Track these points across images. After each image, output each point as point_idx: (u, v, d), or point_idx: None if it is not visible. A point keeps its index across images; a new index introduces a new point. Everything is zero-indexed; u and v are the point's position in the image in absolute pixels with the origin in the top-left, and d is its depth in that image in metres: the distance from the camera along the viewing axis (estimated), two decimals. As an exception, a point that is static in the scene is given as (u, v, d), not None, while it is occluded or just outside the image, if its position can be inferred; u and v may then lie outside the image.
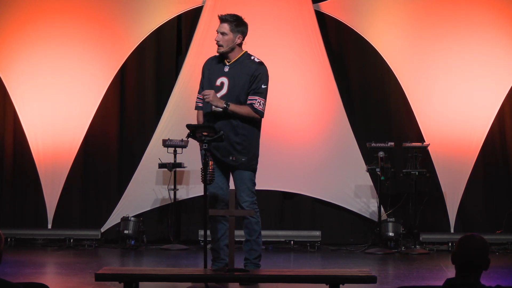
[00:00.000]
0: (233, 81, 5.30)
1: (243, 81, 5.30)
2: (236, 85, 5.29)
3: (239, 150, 5.29)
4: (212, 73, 5.39)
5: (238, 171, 5.34)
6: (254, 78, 5.28)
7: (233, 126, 5.28)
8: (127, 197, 8.29)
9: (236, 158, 5.29)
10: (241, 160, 5.30)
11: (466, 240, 2.96)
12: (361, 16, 8.39)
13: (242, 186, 5.33)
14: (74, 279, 5.74)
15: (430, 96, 8.25)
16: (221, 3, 8.31)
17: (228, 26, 5.34)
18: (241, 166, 5.31)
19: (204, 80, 5.46)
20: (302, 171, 8.23)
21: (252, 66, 5.33)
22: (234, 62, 5.36)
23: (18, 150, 8.51)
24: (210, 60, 5.50)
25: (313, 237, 8.07)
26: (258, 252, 5.42)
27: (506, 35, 8.19)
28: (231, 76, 5.32)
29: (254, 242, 5.39)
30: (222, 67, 5.38)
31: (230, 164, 5.33)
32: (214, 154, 5.29)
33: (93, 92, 8.36)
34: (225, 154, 5.30)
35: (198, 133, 5.08)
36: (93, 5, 8.38)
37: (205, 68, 5.49)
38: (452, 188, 8.21)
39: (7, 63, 8.36)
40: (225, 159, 5.31)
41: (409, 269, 6.64)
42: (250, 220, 5.36)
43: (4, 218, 8.37)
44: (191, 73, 8.33)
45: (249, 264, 5.37)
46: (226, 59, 5.39)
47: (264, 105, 5.31)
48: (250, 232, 5.39)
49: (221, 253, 5.36)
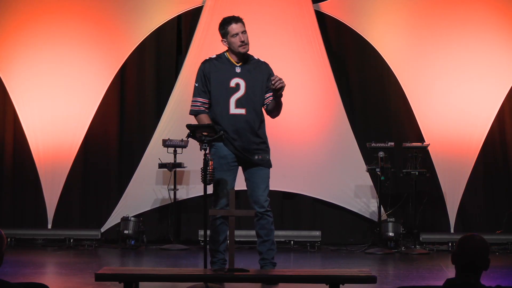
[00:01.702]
0: (249, 81, 5.30)
1: (260, 81, 5.32)
2: (255, 85, 5.30)
3: (263, 148, 5.34)
4: (222, 74, 5.33)
5: (259, 169, 5.33)
6: (270, 75, 5.32)
7: (257, 125, 5.31)
8: (127, 197, 8.29)
9: (262, 157, 5.33)
10: (266, 158, 5.35)
11: (466, 240, 2.96)
12: (361, 16, 8.39)
13: (262, 184, 5.33)
14: (74, 279, 5.74)
15: (430, 96, 8.25)
16: (221, 3, 8.32)
17: (244, 25, 5.38)
18: (266, 164, 5.35)
19: (208, 82, 5.32)
20: (302, 171, 8.23)
21: (262, 66, 5.39)
22: (244, 62, 5.36)
23: (18, 150, 8.51)
24: (211, 62, 5.41)
25: (313, 237, 8.08)
26: (275, 251, 5.44)
27: (506, 35, 8.19)
28: (246, 77, 5.31)
29: (271, 242, 5.40)
30: (231, 68, 5.34)
31: (255, 163, 5.33)
32: (239, 154, 5.28)
33: (93, 92, 8.37)
34: (252, 153, 5.31)
35: (198, 133, 5.07)
36: (93, 5, 8.38)
37: (210, 70, 5.35)
38: (452, 188, 8.21)
39: (7, 63, 8.36)
40: (252, 158, 5.31)
41: (409, 269, 6.64)
42: (269, 220, 5.35)
43: (4, 218, 8.38)
44: (191, 73, 8.31)
45: (268, 264, 5.37)
46: (234, 60, 5.37)
47: None
48: (269, 232, 5.38)
49: (225, 254, 5.34)
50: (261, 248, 5.41)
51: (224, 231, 5.33)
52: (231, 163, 5.31)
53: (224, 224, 5.32)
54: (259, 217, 5.34)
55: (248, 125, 5.28)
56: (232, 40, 5.31)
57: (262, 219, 5.34)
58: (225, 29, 5.36)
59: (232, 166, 5.32)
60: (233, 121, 5.27)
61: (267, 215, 5.35)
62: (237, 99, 5.27)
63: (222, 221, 5.31)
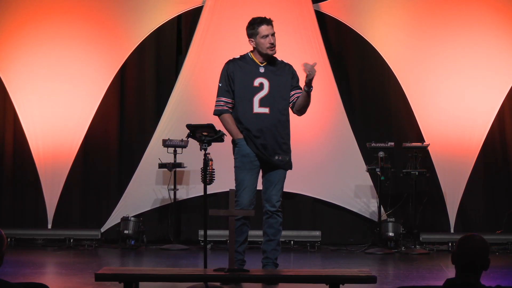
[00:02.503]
0: (273, 81, 5.31)
1: (284, 81, 5.34)
2: (280, 85, 5.32)
3: (284, 150, 5.33)
4: (246, 74, 5.34)
5: (279, 170, 5.33)
6: (293, 76, 5.39)
7: (281, 125, 5.31)
8: (127, 197, 8.29)
9: (282, 158, 5.31)
10: (286, 159, 5.33)
11: (466, 240, 2.96)
12: (361, 16, 8.39)
13: (277, 185, 5.34)
14: (74, 279, 5.74)
15: (430, 96, 8.25)
16: (221, 3, 8.32)
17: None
18: (285, 165, 5.34)
19: (232, 82, 5.33)
20: (302, 171, 8.20)
21: (285, 66, 5.43)
22: (268, 63, 5.38)
23: (18, 150, 8.51)
24: (235, 63, 5.40)
25: (313, 237, 8.08)
26: (279, 252, 5.44)
27: (506, 35, 8.19)
28: (270, 77, 5.32)
29: (277, 242, 5.40)
30: (255, 68, 5.35)
31: (275, 164, 5.32)
32: (260, 154, 5.28)
33: (93, 92, 8.37)
34: (273, 153, 5.30)
35: (198, 133, 5.07)
36: (93, 5, 8.38)
37: (234, 70, 5.36)
38: (452, 188, 8.21)
39: (7, 63, 8.36)
40: (271, 158, 5.30)
41: (409, 269, 6.64)
42: (278, 220, 5.36)
43: (4, 218, 8.37)
44: (191, 73, 8.34)
45: (270, 263, 5.37)
46: (258, 60, 5.38)
47: None
48: (276, 232, 5.38)
49: (243, 255, 5.35)
50: (266, 247, 5.41)
51: (244, 232, 5.33)
52: (254, 162, 5.31)
53: (245, 226, 5.32)
54: (268, 215, 5.36)
55: (272, 125, 5.28)
56: (261, 41, 5.35)
57: (271, 218, 5.35)
58: (255, 29, 5.38)
59: (255, 166, 5.33)
60: (257, 120, 5.28)
61: (277, 215, 5.36)
62: (261, 98, 5.29)
63: (243, 222, 5.30)
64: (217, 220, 7.66)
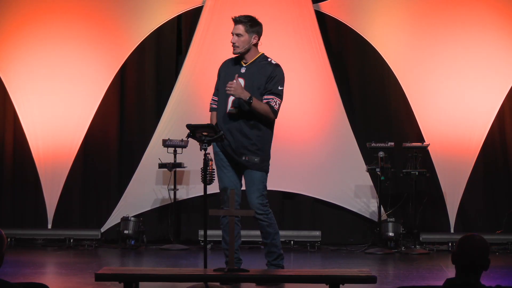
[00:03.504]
0: (250, 82, 5.30)
1: (259, 82, 5.29)
2: (253, 86, 5.28)
3: (252, 150, 5.29)
4: (229, 74, 5.36)
5: (249, 171, 5.32)
6: (270, 79, 5.29)
7: (247, 126, 5.28)
8: (127, 197, 8.29)
9: (249, 158, 5.29)
10: (254, 160, 5.30)
11: (466, 240, 2.96)
12: (361, 16, 8.39)
13: (252, 187, 5.32)
14: (74, 279, 5.74)
15: (430, 96, 8.25)
16: (221, 3, 8.32)
17: (243, 27, 5.35)
18: (253, 166, 5.31)
19: (220, 82, 5.44)
20: (302, 171, 8.23)
21: (268, 68, 5.34)
22: (251, 63, 5.37)
23: (18, 150, 8.51)
24: (227, 62, 5.49)
25: (313, 237, 8.08)
26: (277, 253, 5.40)
27: (506, 35, 8.18)
28: (248, 77, 5.31)
29: (270, 245, 5.39)
30: (238, 68, 5.37)
31: (243, 164, 5.32)
32: (228, 153, 5.30)
33: (93, 92, 8.37)
34: (239, 154, 5.30)
35: (198, 133, 5.08)
36: (93, 5, 8.38)
37: (221, 71, 5.48)
38: (452, 188, 8.21)
39: (7, 63, 8.36)
40: (238, 159, 5.31)
41: (409, 269, 6.64)
42: (262, 224, 5.35)
43: (4, 218, 8.37)
44: (191, 73, 8.34)
45: (269, 266, 5.39)
46: (243, 60, 5.38)
47: (279, 106, 5.31)
48: (265, 235, 5.39)
49: (237, 253, 5.35)
50: (264, 249, 5.48)
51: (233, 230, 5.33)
52: (223, 160, 5.35)
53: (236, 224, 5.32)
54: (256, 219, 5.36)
55: (238, 125, 5.28)
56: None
57: (258, 222, 5.37)
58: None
59: (225, 164, 5.35)
60: (227, 120, 5.31)
61: (260, 219, 5.32)
62: (234, 99, 5.28)
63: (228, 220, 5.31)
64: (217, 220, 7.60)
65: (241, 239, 5.62)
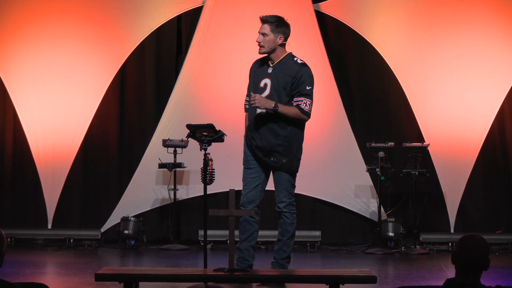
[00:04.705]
0: (276, 82, 5.30)
1: (284, 82, 5.29)
2: (279, 86, 5.28)
3: (280, 152, 5.29)
4: (257, 75, 5.39)
5: (278, 172, 5.34)
6: (296, 80, 5.27)
7: (274, 128, 5.28)
8: (127, 197, 8.29)
9: (277, 159, 5.30)
10: (282, 161, 5.31)
11: (466, 240, 2.96)
12: (361, 16, 8.39)
13: (280, 187, 5.35)
14: (74, 279, 5.74)
15: (430, 96, 8.25)
16: (221, 3, 8.31)
17: (268, 27, 5.36)
18: (282, 167, 5.32)
19: (250, 83, 5.46)
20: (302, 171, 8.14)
21: (294, 68, 5.32)
22: (278, 63, 5.36)
23: (18, 150, 8.51)
24: (256, 63, 5.49)
25: (313, 237, 8.08)
26: (287, 253, 5.41)
27: (506, 35, 8.18)
28: (274, 77, 5.31)
29: (284, 243, 5.40)
30: (266, 68, 5.37)
31: (271, 165, 5.34)
32: (256, 153, 5.32)
33: (93, 92, 8.36)
34: (267, 154, 5.31)
35: (198, 133, 5.08)
36: (93, 5, 8.38)
37: (252, 71, 5.48)
38: (452, 188, 8.21)
39: (7, 63, 8.36)
40: (266, 159, 5.32)
41: (409, 269, 6.64)
42: (285, 220, 5.37)
43: (4, 218, 8.37)
44: (191, 73, 8.33)
45: (275, 264, 5.39)
46: (270, 60, 5.38)
47: (311, 106, 5.29)
48: (283, 232, 5.40)
49: (245, 253, 5.36)
50: (275, 246, 5.47)
51: (248, 229, 5.35)
52: (250, 161, 5.36)
53: (248, 223, 5.34)
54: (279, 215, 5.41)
55: (267, 126, 5.28)
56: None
57: (280, 217, 5.41)
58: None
59: (252, 165, 5.36)
60: (256, 121, 5.31)
61: (284, 215, 5.36)
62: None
63: (245, 218, 5.33)
64: (217, 220, 7.65)
65: (255, 239, 5.55)
